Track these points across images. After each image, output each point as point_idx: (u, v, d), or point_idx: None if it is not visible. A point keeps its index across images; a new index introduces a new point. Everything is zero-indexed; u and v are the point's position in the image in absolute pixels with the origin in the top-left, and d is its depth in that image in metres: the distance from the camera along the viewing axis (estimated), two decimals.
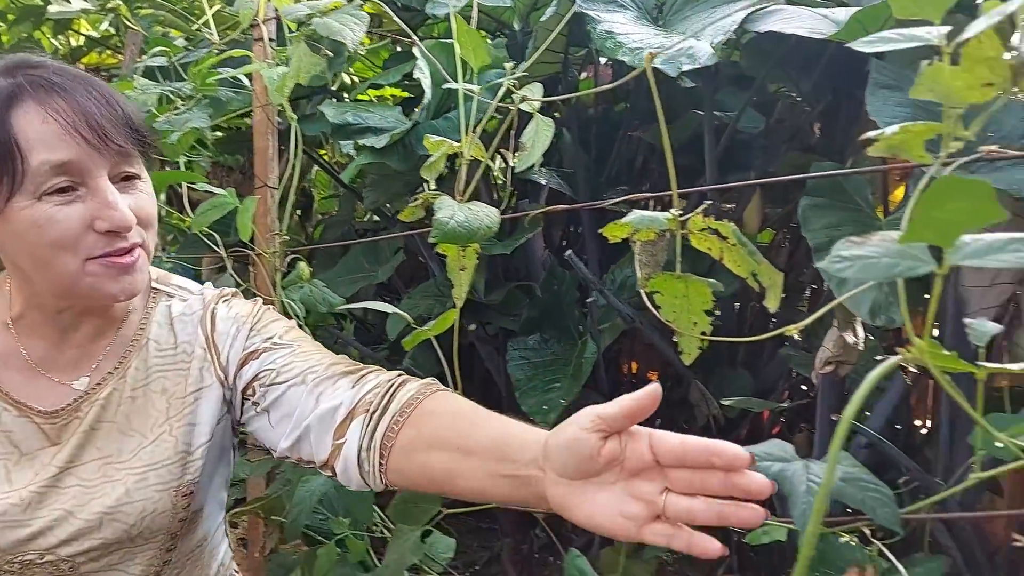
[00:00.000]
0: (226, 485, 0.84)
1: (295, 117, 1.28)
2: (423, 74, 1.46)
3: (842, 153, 1.71)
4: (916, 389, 1.60)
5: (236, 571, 0.90)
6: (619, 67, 2.09)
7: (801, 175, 0.99)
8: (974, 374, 0.68)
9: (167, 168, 1.50)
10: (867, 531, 0.90)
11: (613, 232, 0.80)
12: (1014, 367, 0.62)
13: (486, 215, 0.87)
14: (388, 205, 2.30)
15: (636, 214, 0.79)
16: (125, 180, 0.68)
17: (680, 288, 0.82)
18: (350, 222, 2.31)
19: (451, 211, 0.84)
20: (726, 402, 1.64)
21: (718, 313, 2.03)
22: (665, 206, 2.19)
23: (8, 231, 0.64)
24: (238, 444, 0.85)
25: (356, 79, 2.21)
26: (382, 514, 1.25)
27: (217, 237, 1.41)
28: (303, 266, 1.40)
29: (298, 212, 2.61)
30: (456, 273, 0.96)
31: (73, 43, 2.39)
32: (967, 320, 0.65)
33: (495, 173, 0.95)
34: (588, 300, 1.76)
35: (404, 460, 0.66)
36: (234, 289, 0.83)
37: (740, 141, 1.99)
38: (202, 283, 0.82)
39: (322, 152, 2.39)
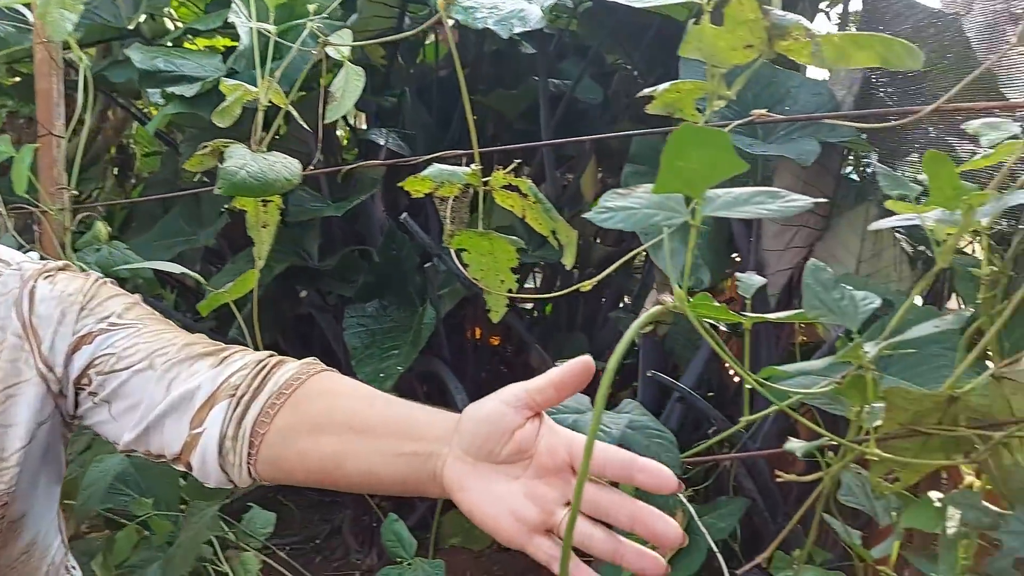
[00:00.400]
0: (58, 480, 0.73)
1: (83, 56, 1.14)
2: (239, 18, 1.35)
3: (668, 122, 1.78)
4: (728, 345, 1.73)
5: (73, 566, 0.81)
6: (465, 29, 2.06)
7: (601, 135, 1.01)
8: (743, 324, 0.72)
9: None
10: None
11: (414, 186, 0.78)
12: (772, 317, 0.67)
13: (284, 167, 0.82)
14: None
15: (436, 168, 0.77)
16: None
17: (486, 246, 0.81)
18: (175, 182, 2.13)
19: (242, 160, 0.78)
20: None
21: (558, 280, 2.10)
22: (507, 166, 2.20)
23: None
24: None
25: (180, 25, 2.03)
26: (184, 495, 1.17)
27: None
28: (100, 225, 1.26)
29: (115, 170, 2.38)
30: (257, 231, 0.90)
31: None
32: (737, 274, 0.70)
33: (297, 122, 0.89)
34: (427, 265, 1.74)
35: (281, 447, 0.58)
36: (63, 262, 0.70)
37: (579, 111, 2.03)
38: None
39: (141, 104, 2.18)
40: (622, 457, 0.48)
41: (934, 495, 0.72)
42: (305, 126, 0.93)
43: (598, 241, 2.09)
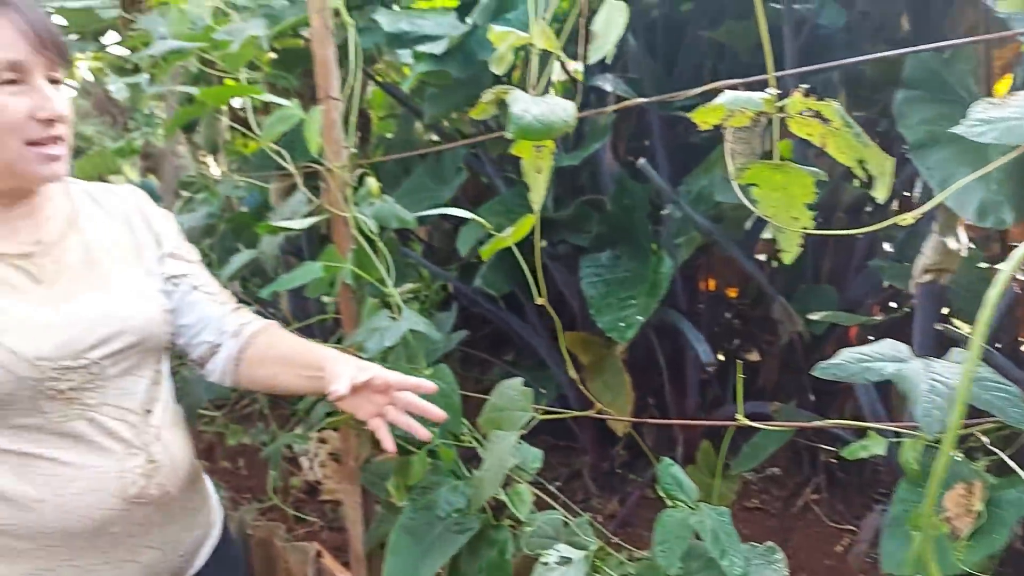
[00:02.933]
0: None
1: (352, 21, 1.23)
2: None
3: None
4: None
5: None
6: None
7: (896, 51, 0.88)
8: None
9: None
10: (984, 439, 0.83)
11: (704, 118, 0.73)
12: None
13: (562, 108, 0.81)
14: (446, 123, 2.24)
15: (729, 95, 0.71)
16: (53, 83, 0.83)
17: (779, 180, 0.74)
18: (411, 142, 2.27)
19: (525, 105, 0.79)
20: (813, 317, 1.56)
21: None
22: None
23: None
24: None
25: None
26: (470, 425, 1.25)
27: (286, 154, 1.40)
28: (372, 181, 1.37)
29: (357, 134, 2.58)
30: (532, 176, 0.91)
31: None
32: None
33: (567, 66, 0.88)
34: (663, 213, 1.69)
35: (245, 373, 1.00)
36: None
37: (820, 37, 1.83)
38: (270, 206, 0.87)
39: (377, 70, 2.33)
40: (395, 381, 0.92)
41: None
42: (569, 72, 0.92)
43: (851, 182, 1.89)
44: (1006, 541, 1.13)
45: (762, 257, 2.09)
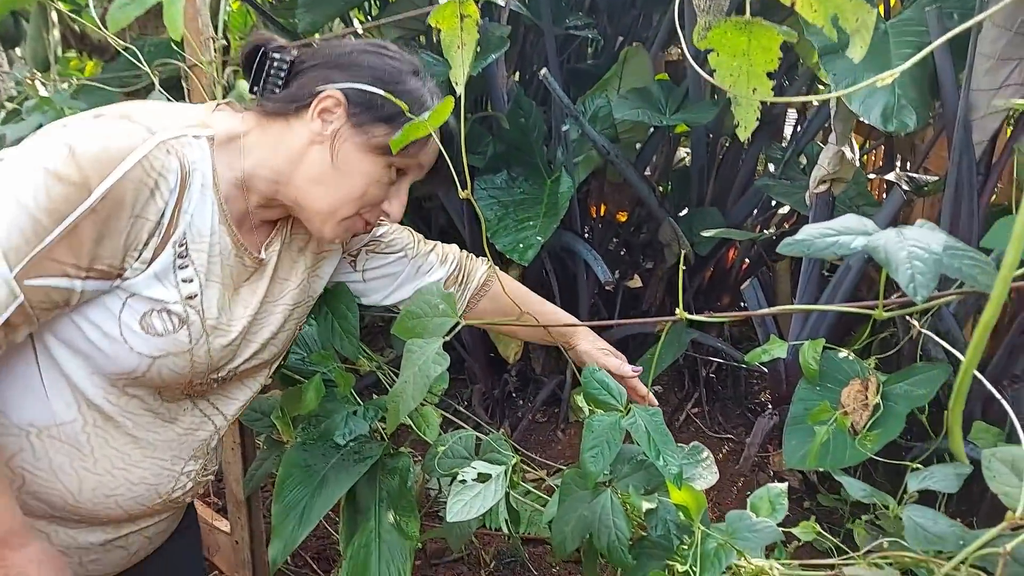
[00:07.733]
0: None
1: None
2: None
3: None
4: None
5: None
6: None
7: None
8: None
9: None
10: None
11: None
12: None
13: None
14: (319, 35, 2.03)
15: None
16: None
17: (742, 44, 0.69)
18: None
19: None
20: (707, 233, 1.58)
21: (687, 152, 1.94)
22: None
23: (350, 154, 0.78)
24: None
25: None
26: (368, 351, 1.13)
27: (138, 52, 1.18)
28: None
29: (221, 40, 2.28)
30: (454, 52, 0.79)
31: None
32: None
33: None
34: (564, 129, 1.62)
35: (479, 318, 1.06)
36: None
37: None
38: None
39: None
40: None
41: None
42: None
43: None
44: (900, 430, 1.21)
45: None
